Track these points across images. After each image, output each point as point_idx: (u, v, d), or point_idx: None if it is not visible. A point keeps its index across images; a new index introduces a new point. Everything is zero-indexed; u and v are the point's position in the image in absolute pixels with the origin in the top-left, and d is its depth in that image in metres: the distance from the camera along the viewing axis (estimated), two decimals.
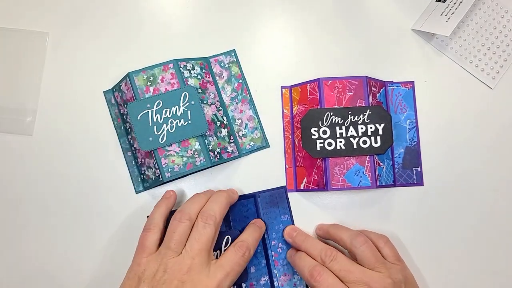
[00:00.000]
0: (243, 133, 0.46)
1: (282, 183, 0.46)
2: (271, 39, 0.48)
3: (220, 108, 0.45)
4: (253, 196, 0.45)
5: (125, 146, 0.46)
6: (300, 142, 0.44)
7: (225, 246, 0.42)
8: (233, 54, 0.47)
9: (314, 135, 0.43)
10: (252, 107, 0.47)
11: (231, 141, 0.45)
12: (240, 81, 0.47)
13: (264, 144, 0.47)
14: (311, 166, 0.44)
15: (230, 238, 0.42)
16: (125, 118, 0.45)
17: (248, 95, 0.47)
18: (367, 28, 0.49)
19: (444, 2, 0.47)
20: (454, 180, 0.47)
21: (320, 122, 0.43)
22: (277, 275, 0.44)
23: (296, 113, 0.46)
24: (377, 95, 0.45)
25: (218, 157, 0.43)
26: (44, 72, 0.46)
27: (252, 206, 0.45)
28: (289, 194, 0.46)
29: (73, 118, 0.46)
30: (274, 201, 0.45)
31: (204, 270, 0.36)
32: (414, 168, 0.46)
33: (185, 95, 0.42)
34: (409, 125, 0.47)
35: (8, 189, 0.45)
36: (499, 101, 0.48)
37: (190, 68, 0.44)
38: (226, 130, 0.45)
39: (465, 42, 0.48)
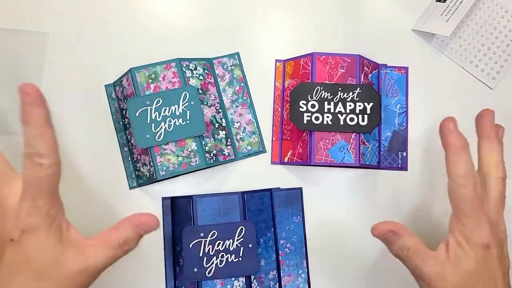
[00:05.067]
0: (241, 136, 0.44)
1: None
2: (274, 40, 0.46)
3: (220, 110, 0.43)
4: (269, 190, 0.43)
5: (122, 141, 0.44)
6: (289, 116, 0.42)
7: (237, 236, 0.40)
8: (236, 57, 0.45)
9: (302, 107, 0.42)
10: (252, 112, 0.44)
11: (228, 143, 0.43)
12: (242, 84, 0.45)
13: (261, 149, 0.44)
14: (297, 139, 0.43)
15: (244, 228, 0.41)
16: (124, 113, 0.43)
17: (248, 99, 0.45)
18: (367, 28, 0.47)
19: (444, 2, 0.45)
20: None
21: (309, 95, 0.42)
22: (281, 275, 0.42)
23: (287, 86, 0.44)
24: (369, 75, 0.43)
25: (214, 159, 0.41)
26: (44, 72, 0.44)
27: (268, 199, 0.43)
28: (274, 165, 0.44)
29: (73, 116, 0.44)
30: (289, 201, 0.43)
31: (19, 214, 0.29)
32: (399, 153, 0.44)
33: (185, 94, 0.40)
34: (399, 109, 0.45)
35: None
36: (499, 101, 0.46)
37: (193, 68, 0.42)
38: (224, 132, 0.43)
39: (465, 42, 0.46)
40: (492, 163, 0.36)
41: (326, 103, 0.41)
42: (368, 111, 0.41)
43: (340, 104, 0.41)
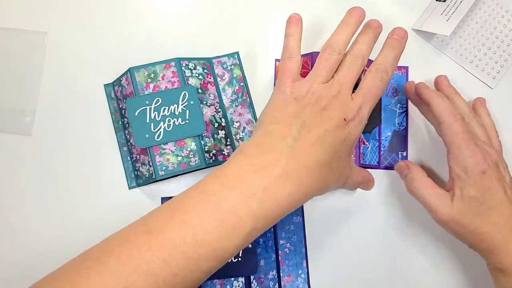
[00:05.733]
0: (241, 136, 0.43)
1: None
2: (274, 39, 0.46)
3: (219, 109, 0.43)
4: None
5: (122, 141, 0.43)
6: None
7: None
8: (236, 56, 0.45)
9: None
10: (252, 111, 0.44)
11: (228, 143, 0.42)
12: (241, 84, 0.44)
13: None
14: None
15: None
16: (123, 113, 0.43)
17: (248, 98, 0.44)
18: None
19: (444, 1, 0.45)
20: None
21: None
22: (281, 275, 0.42)
23: None
24: None
25: (213, 158, 0.40)
26: (44, 72, 0.44)
27: None
28: None
29: (73, 116, 0.44)
30: None
31: (348, 97, 0.34)
32: (399, 152, 0.44)
33: (184, 94, 0.40)
34: (399, 109, 0.45)
35: (7, 189, 0.43)
36: (499, 101, 0.45)
37: (192, 68, 0.42)
38: (223, 132, 0.42)
39: (465, 42, 0.46)
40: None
41: None
42: None
43: None
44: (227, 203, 0.28)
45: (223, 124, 0.42)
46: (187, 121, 0.40)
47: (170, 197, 0.42)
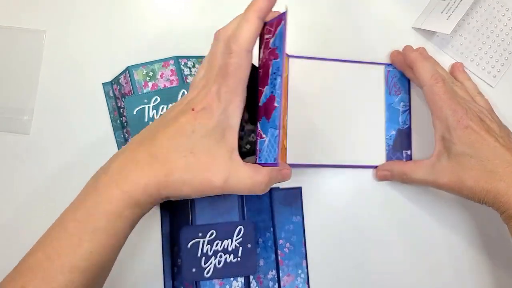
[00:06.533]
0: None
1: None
2: None
3: None
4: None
5: (120, 139, 0.43)
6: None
7: (236, 236, 0.40)
8: None
9: None
10: None
11: None
12: None
13: None
14: None
15: (243, 228, 0.40)
16: (121, 111, 0.42)
17: None
18: (368, 26, 0.46)
19: (444, 0, 0.44)
20: None
21: None
22: (281, 275, 0.41)
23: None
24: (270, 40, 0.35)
25: None
26: (41, 71, 0.44)
27: (267, 199, 0.42)
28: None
29: (71, 115, 0.43)
30: (288, 201, 0.43)
31: (208, 86, 0.31)
32: (404, 151, 0.44)
33: (183, 92, 0.40)
34: (403, 108, 0.44)
35: (6, 188, 0.42)
36: (500, 99, 0.45)
37: (191, 66, 0.42)
38: None
39: (466, 40, 0.45)
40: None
41: None
42: None
43: None
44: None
45: None
46: None
47: None
